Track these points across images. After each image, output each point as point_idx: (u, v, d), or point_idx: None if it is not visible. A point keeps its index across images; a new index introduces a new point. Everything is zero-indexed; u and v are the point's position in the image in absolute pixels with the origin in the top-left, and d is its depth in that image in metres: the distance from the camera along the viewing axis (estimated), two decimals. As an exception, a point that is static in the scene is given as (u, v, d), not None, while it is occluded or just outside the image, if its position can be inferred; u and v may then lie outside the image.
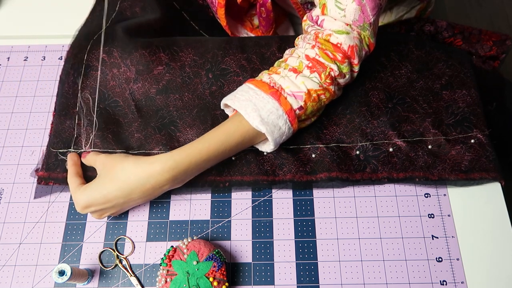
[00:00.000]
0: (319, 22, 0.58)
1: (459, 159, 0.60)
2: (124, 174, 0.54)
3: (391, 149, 0.61)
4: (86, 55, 0.66)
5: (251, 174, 0.59)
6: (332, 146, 0.61)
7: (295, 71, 0.57)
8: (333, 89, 0.57)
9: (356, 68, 0.59)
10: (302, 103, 0.56)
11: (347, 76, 0.58)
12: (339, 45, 0.56)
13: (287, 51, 0.61)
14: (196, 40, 0.69)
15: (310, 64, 0.56)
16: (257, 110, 0.54)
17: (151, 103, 0.64)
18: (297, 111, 0.56)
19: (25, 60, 0.72)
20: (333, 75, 0.57)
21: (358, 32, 0.57)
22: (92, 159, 0.59)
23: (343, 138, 0.62)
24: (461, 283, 0.55)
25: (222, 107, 0.61)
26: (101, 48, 0.66)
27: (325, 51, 0.57)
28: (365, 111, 0.63)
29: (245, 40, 0.68)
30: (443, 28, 0.78)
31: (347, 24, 0.56)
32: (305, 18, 0.62)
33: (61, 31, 0.74)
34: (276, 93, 0.55)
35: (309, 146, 0.61)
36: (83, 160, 0.60)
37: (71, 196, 0.61)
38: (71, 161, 0.60)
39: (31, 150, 0.65)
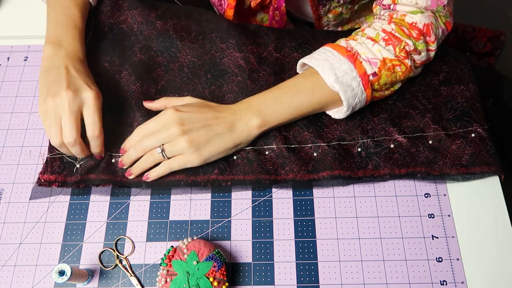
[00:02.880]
0: (391, 8, 0.61)
1: (460, 153, 0.60)
2: (224, 109, 0.59)
3: (392, 146, 0.61)
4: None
5: (253, 173, 0.59)
6: (333, 144, 0.61)
7: (372, 39, 0.59)
8: (409, 64, 0.59)
9: (433, 46, 0.60)
10: (376, 70, 0.58)
11: (422, 54, 0.60)
12: (414, 24, 0.59)
13: (364, 26, 0.63)
14: (193, 41, 0.69)
15: (386, 37, 0.59)
16: (333, 69, 0.57)
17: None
18: (371, 77, 0.58)
19: (25, 60, 0.72)
20: (408, 49, 0.59)
21: (433, 12, 0.59)
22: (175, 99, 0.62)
23: (344, 136, 0.62)
24: (461, 283, 0.55)
25: (298, 68, 0.64)
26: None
27: (401, 27, 0.59)
28: (365, 109, 0.63)
29: (242, 37, 0.68)
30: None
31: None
32: (374, 5, 0.65)
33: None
34: (353, 56, 0.58)
35: (310, 144, 0.61)
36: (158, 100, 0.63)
37: (71, 196, 0.61)
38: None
39: (31, 150, 0.65)
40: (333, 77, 0.57)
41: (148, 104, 0.63)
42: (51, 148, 0.61)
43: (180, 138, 0.56)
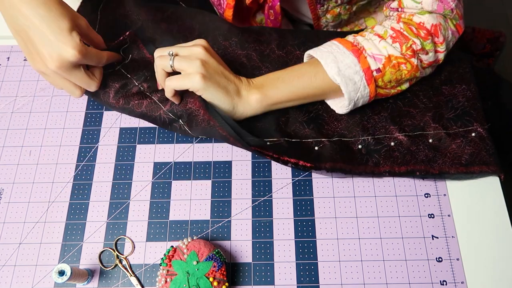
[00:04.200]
0: (399, 10, 0.61)
1: (460, 152, 0.60)
2: (234, 77, 0.59)
3: (392, 144, 0.61)
4: None
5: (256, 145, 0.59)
6: (335, 140, 0.61)
7: (380, 36, 0.59)
8: (415, 62, 0.59)
9: (441, 48, 0.60)
10: (380, 66, 0.57)
11: (430, 54, 0.60)
12: (421, 23, 0.59)
13: (376, 24, 0.63)
14: (195, 39, 0.69)
15: (394, 35, 0.59)
16: (336, 62, 0.57)
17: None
18: (375, 73, 0.58)
19: (25, 60, 0.72)
20: (415, 48, 0.58)
21: (441, 14, 0.59)
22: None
23: (345, 133, 0.62)
24: (461, 283, 0.55)
25: (304, 59, 0.64)
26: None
27: (410, 26, 0.59)
28: (366, 107, 0.63)
29: (244, 35, 0.68)
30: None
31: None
32: (384, 7, 0.65)
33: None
34: (357, 51, 0.58)
35: (311, 140, 0.61)
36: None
37: (71, 196, 0.61)
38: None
39: (31, 150, 0.65)
40: (335, 70, 0.57)
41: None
42: None
43: (196, 61, 0.55)
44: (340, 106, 0.62)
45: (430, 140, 0.61)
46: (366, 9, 0.76)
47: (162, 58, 0.56)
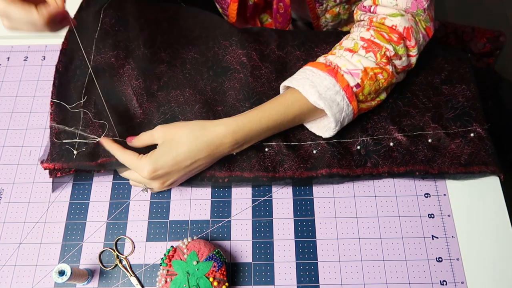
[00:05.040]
0: (372, 10, 0.60)
1: (459, 152, 0.60)
2: (192, 136, 0.55)
3: (391, 144, 0.61)
4: (93, 56, 0.68)
5: (251, 170, 0.59)
6: (333, 142, 0.61)
7: (351, 50, 0.58)
8: (390, 69, 0.58)
9: (413, 52, 0.59)
10: (359, 81, 0.56)
11: (403, 58, 0.59)
12: (394, 27, 0.58)
13: (343, 39, 0.62)
14: (196, 38, 0.69)
15: (366, 45, 0.58)
16: (315, 86, 0.56)
17: (153, 99, 0.65)
18: (354, 89, 0.56)
19: (25, 60, 0.72)
20: (388, 55, 0.58)
21: (413, 15, 0.58)
22: (146, 137, 0.58)
23: (343, 133, 0.62)
24: (461, 283, 0.55)
25: (281, 90, 0.61)
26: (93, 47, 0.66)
27: (381, 32, 0.58)
28: None
29: (244, 35, 0.68)
30: (435, 28, 0.79)
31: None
32: (355, 10, 0.64)
33: (61, 31, 0.74)
34: (333, 70, 0.56)
35: (310, 142, 0.61)
36: (133, 143, 0.58)
37: (71, 196, 0.61)
38: (109, 142, 0.58)
39: (31, 150, 0.65)
40: (315, 95, 0.55)
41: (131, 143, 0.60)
42: (51, 136, 0.61)
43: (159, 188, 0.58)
44: (325, 130, 0.60)
45: (430, 140, 0.61)
46: None
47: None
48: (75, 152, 0.61)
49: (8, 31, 0.53)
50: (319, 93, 0.55)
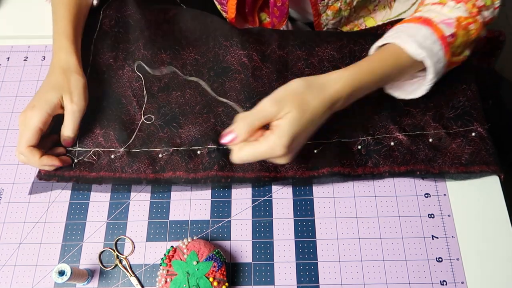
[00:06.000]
0: None
1: (460, 152, 0.60)
2: (315, 97, 0.51)
3: (392, 143, 0.61)
4: (91, 57, 0.68)
5: (252, 171, 0.59)
6: (334, 141, 0.61)
7: (439, 3, 0.56)
8: (480, 20, 0.56)
9: (497, 3, 0.58)
10: (453, 30, 0.54)
11: (490, 9, 0.58)
12: None
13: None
14: (196, 39, 0.69)
15: None
16: (413, 36, 0.53)
17: (153, 100, 0.65)
18: (449, 39, 0.54)
19: (25, 60, 0.72)
20: (478, 4, 0.56)
21: None
22: (260, 116, 0.50)
23: (344, 133, 0.62)
24: (461, 283, 0.55)
25: (371, 52, 0.58)
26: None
27: None
28: (366, 106, 0.63)
29: (245, 35, 0.68)
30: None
31: None
32: None
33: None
34: (426, 21, 0.54)
35: (310, 141, 0.61)
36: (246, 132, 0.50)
37: (71, 196, 0.61)
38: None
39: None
40: (415, 44, 0.52)
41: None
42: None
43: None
44: (413, 88, 0.58)
45: (430, 140, 0.61)
46: (365, 6, 0.75)
47: None
48: (75, 160, 0.61)
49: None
50: (418, 42, 0.52)
